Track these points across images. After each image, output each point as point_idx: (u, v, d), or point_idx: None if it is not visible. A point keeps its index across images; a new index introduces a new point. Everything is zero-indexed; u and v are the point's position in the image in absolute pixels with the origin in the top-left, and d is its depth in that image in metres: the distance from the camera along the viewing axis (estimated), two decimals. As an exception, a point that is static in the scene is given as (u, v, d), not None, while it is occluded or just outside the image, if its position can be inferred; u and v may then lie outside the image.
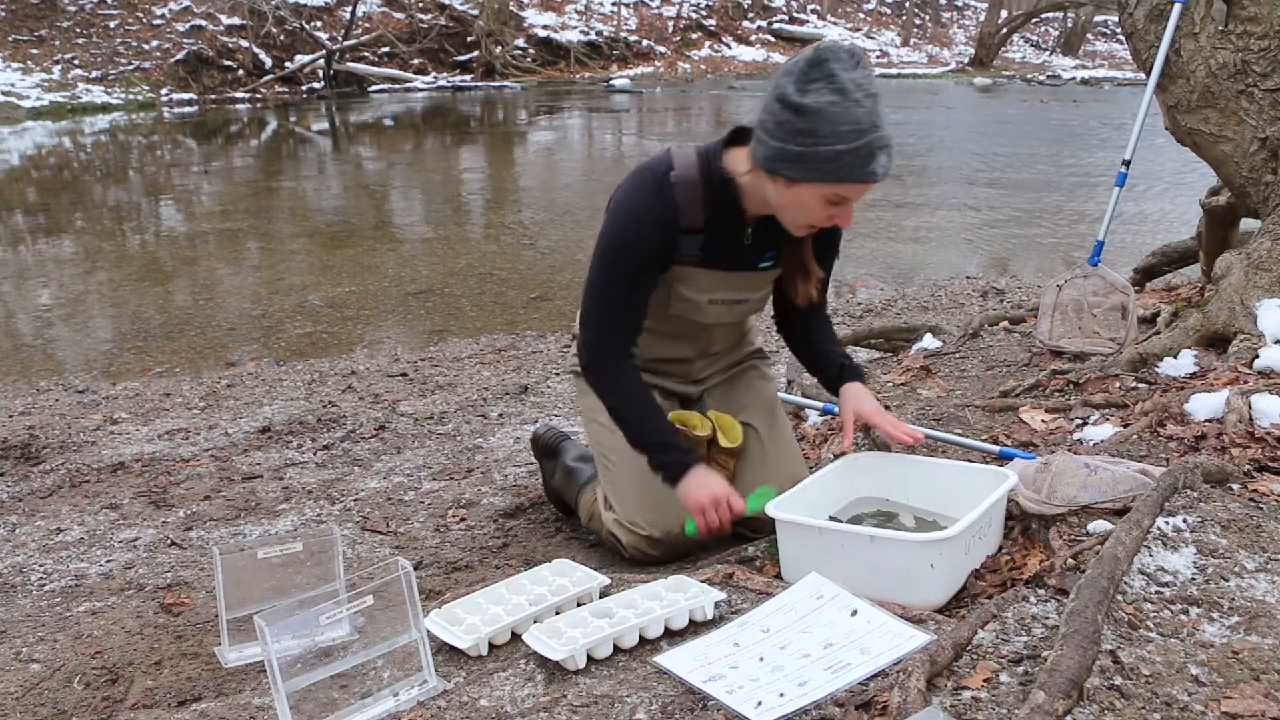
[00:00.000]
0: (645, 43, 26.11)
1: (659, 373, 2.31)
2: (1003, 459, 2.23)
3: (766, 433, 2.30)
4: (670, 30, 27.21)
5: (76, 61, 18.84)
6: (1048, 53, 31.28)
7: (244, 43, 20.10)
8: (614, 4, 26.48)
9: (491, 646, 1.73)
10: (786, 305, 2.32)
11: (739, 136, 2.02)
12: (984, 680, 1.37)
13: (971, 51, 28.62)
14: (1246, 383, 2.38)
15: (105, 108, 17.64)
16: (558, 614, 1.76)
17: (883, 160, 1.82)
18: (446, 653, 1.72)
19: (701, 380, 2.36)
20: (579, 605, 1.79)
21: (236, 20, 20.32)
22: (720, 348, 2.35)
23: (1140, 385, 2.62)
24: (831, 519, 1.98)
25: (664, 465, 2.07)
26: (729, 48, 27.66)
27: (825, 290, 2.29)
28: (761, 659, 1.54)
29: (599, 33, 25.37)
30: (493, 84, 21.72)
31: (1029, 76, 24.80)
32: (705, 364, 2.34)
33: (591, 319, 2.13)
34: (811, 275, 2.19)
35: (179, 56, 19.38)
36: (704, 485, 2.03)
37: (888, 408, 2.82)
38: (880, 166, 1.83)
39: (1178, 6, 3.03)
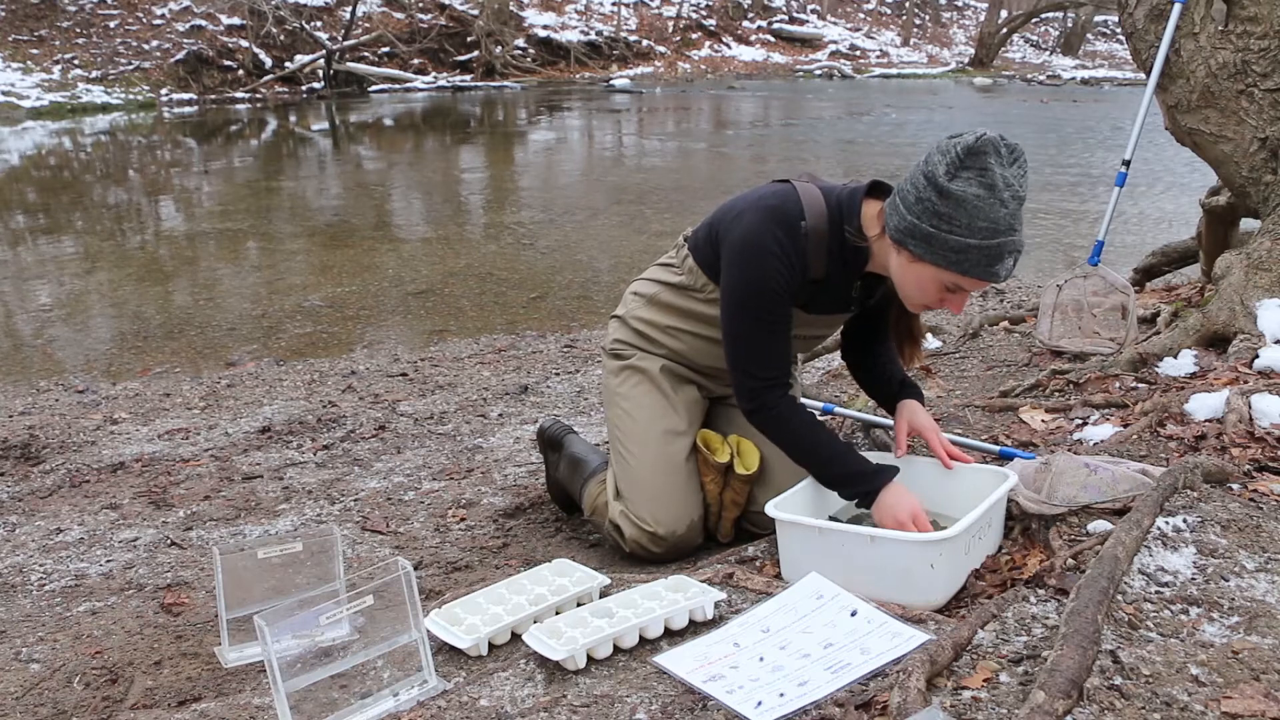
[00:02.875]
0: (645, 43, 26.11)
1: (706, 375, 2.32)
2: (1003, 459, 2.23)
3: None
4: (670, 30, 27.21)
5: (76, 61, 18.84)
6: (1048, 53, 31.28)
7: (244, 43, 20.10)
8: (614, 4, 26.48)
9: (491, 646, 1.73)
10: (856, 335, 2.31)
11: (874, 190, 1.99)
12: (984, 680, 1.37)
13: (971, 51, 28.63)
14: (1246, 383, 2.38)
15: (105, 108, 17.64)
16: (558, 614, 1.76)
17: (1008, 264, 1.80)
18: (446, 653, 1.72)
19: None
20: (579, 605, 1.79)
21: (236, 20, 20.32)
22: None
23: (1140, 385, 2.62)
24: (831, 519, 1.98)
25: (855, 496, 1.99)
26: (729, 48, 27.67)
27: None
28: (761, 659, 1.54)
29: (599, 33, 25.37)
30: (493, 84, 21.72)
31: (1029, 76, 24.80)
32: None
33: (745, 365, 2.06)
34: (918, 342, 2.18)
35: (179, 56, 19.38)
36: (899, 505, 1.92)
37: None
38: (1004, 270, 1.80)
39: (1178, 6, 3.03)
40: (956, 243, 1.76)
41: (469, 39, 22.67)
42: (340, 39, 21.09)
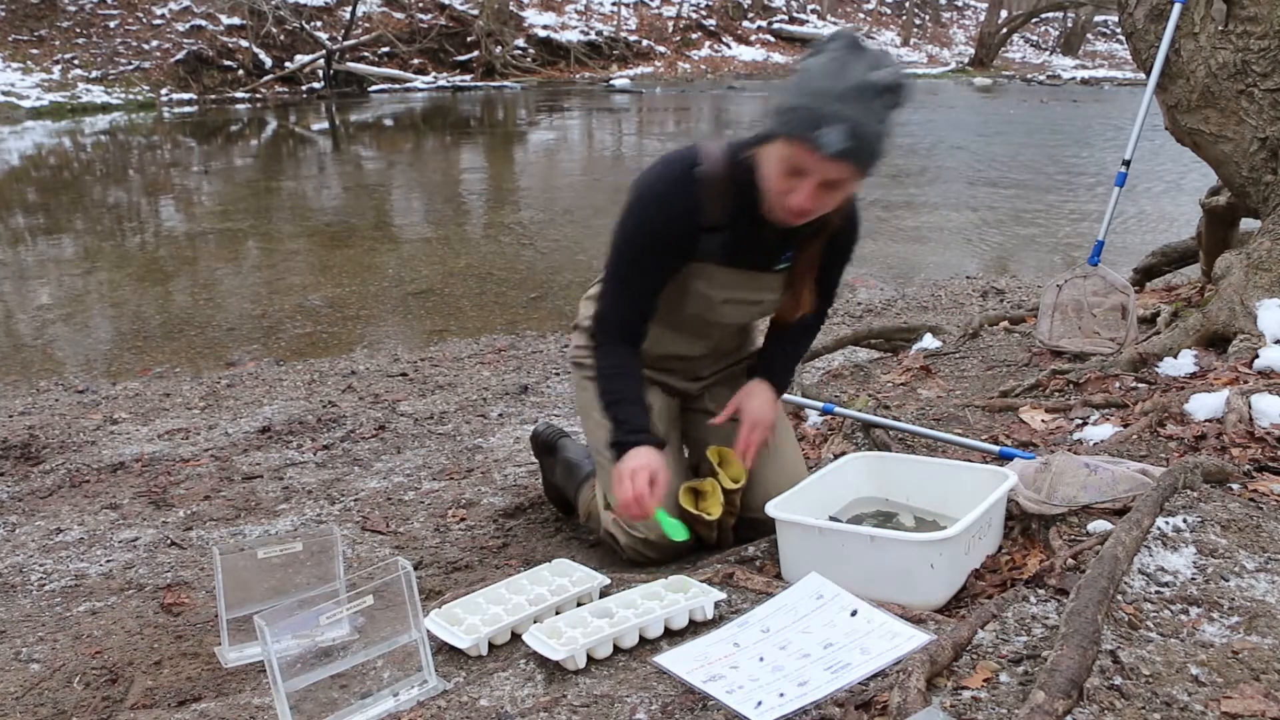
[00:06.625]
0: (645, 43, 26.09)
1: (664, 369, 2.30)
2: (1003, 459, 2.23)
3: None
4: (670, 30, 27.19)
5: (76, 61, 18.84)
6: (1048, 53, 31.27)
7: (244, 43, 20.09)
8: (614, 4, 26.47)
9: (491, 646, 1.73)
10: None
11: None
12: (984, 680, 1.37)
13: (971, 51, 28.61)
14: (1246, 383, 2.38)
15: (105, 108, 17.63)
16: (558, 614, 1.76)
17: (832, 135, 1.70)
18: (446, 653, 1.72)
19: (703, 378, 2.35)
20: (579, 605, 1.79)
21: (236, 20, 20.32)
22: (728, 347, 2.34)
23: (1140, 385, 2.62)
24: (831, 519, 1.98)
25: (612, 445, 2.04)
26: (729, 48, 27.65)
27: (827, 299, 2.27)
28: (761, 659, 1.54)
29: (599, 33, 25.36)
30: (493, 84, 21.72)
31: (1029, 76, 24.79)
32: (710, 362, 2.33)
33: (602, 301, 2.12)
34: (800, 304, 2.16)
35: (179, 56, 19.37)
36: (627, 461, 1.98)
37: (887, 408, 2.83)
38: (827, 138, 1.71)
39: (1178, 6, 3.03)
40: (788, 101, 1.76)
41: (469, 39, 22.67)
42: (340, 39, 21.08)
